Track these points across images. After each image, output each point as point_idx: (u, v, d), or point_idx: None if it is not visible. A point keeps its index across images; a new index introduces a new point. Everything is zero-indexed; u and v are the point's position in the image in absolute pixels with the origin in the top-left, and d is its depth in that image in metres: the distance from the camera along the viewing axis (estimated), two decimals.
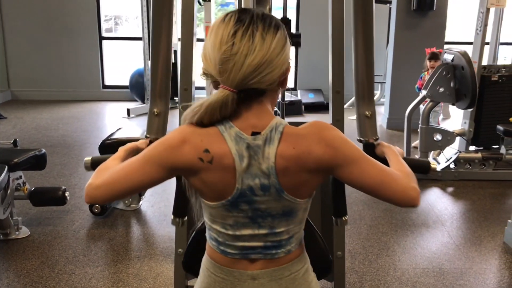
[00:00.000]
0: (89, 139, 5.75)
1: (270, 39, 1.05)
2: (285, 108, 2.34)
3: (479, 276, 2.94)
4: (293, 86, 7.46)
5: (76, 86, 8.01)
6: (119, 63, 9.33)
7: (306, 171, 1.08)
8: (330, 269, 1.70)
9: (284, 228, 1.14)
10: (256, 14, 1.07)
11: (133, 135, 3.86)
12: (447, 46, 5.81)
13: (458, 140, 4.85)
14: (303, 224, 1.20)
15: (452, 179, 4.53)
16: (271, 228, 1.13)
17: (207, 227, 1.20)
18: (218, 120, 1.08)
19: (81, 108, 7.45)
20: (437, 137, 4.57)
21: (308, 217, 1.22)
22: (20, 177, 3.38)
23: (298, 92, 7.64)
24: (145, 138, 1.73)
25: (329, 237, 1.85)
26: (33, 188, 3.45)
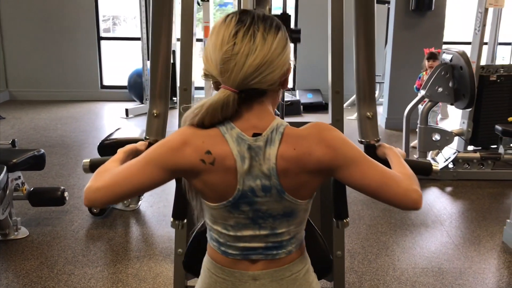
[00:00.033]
0: (87, 139, 5.74)
1: (271, 40, 1.05)
2: (284, 108, 2.33)
3: (478, 276, 2.95)
4: (291, 86, 7.44)
5: (74, 86, 8.00)
6: (118, 63, 9.31)
7: (306, 172, 1.08)
8: (330, 269, 1.70)
9: (285, 229, 1.14)
10: (257, 15, 1.08)
11: (132, 135, 3.85)
12: (446, 46, 5.83)
13: (456, 140, 4.85)
14: (304, 225, 1.20)
15: (451, 179, 4.54)
16: (272, 229, 1.13)
17: (208, 228, 1.20)
18: (219, 121, 1.07)
19: (79, 108, 7.44)
20: (436, 137, 4.57)
21: (308, 217, 1.22)
22: (19, 177, 3.38)
23: (297, 92, 7.63)
24: (145, 139, 1.69)
25: (329, 237, 1.84)
26: (32, 189, 3.44)
